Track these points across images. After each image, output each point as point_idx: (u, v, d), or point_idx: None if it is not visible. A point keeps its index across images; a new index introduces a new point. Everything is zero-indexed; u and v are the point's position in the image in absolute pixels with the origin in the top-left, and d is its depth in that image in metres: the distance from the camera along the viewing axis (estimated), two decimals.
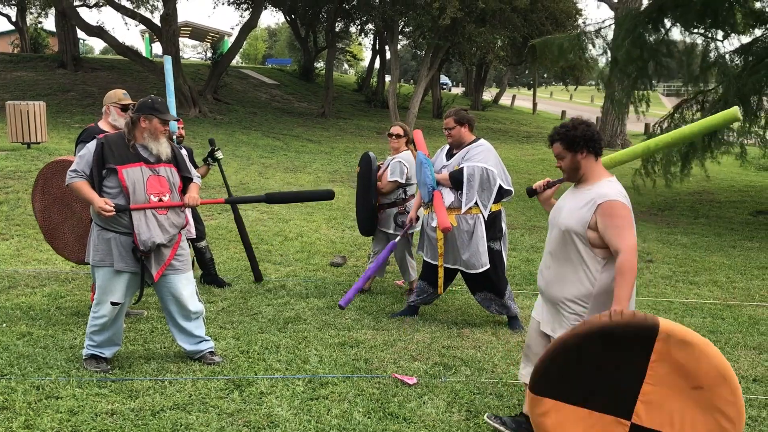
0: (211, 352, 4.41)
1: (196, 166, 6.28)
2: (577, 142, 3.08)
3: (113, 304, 4.10)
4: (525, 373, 3.50)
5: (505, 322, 5.41)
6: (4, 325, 4.90)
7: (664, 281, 6.96)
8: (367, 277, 5.47)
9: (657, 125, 12.33)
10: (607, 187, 3.06)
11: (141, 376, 4.14)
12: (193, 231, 6.00)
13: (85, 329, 4.85)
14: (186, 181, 4.34)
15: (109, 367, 4.22)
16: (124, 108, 4.90)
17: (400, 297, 6.08)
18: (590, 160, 3.12)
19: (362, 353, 4.62)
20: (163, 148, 4.16)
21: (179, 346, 4.41)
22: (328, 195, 4.92)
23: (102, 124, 4.91)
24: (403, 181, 5.80)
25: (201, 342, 4.38)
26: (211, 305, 5.60)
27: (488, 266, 5.13)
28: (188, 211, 5.97)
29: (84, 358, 4.24)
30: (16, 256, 6.85)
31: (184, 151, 6.05)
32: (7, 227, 7.93)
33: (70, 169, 4.06)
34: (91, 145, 4.08)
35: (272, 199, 4.82)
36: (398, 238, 5.58)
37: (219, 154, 6.28)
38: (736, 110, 3.32)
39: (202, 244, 6.16)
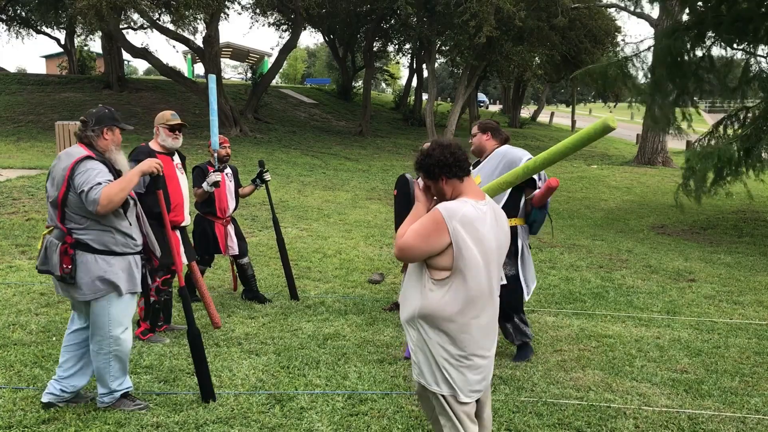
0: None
1: (240, 185, 6.40)
2: (433, 170, 2.85)
3: (126, 330, 3.84)
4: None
5: (545, 342, 5.38)
6: (54, 338, 5.06)
7: (707, 301, 6.83)
8: None
9: (697, 143, 12.10)
10: (450, 202, 2.84)
11: (185, 390, 4.23)
12: (236, 247, 6.11)
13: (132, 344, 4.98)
14: None
15: (146, 402, 4.00)
16: (172, 129, 5.04)
17: None
18: (454, 184, 2.87)
19: (401, 370, 4.65)
20: (123, 159, 3.86)
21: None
22: None
23: (153, 144, 5.07)
24: None
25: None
26: (252, 321, 5.69)
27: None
28: (231, 228, 6.10)
29: (111, 404, 3.89)
30: None
31: (229, 170, 6.19)
32: None
33: (92, 185, 3.56)
34: (99, 165, 3.66)
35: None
36: None
37: (267, 176, 6.38)
38: (607, 120, 3.24)
39: (245, 260, 6.27)
